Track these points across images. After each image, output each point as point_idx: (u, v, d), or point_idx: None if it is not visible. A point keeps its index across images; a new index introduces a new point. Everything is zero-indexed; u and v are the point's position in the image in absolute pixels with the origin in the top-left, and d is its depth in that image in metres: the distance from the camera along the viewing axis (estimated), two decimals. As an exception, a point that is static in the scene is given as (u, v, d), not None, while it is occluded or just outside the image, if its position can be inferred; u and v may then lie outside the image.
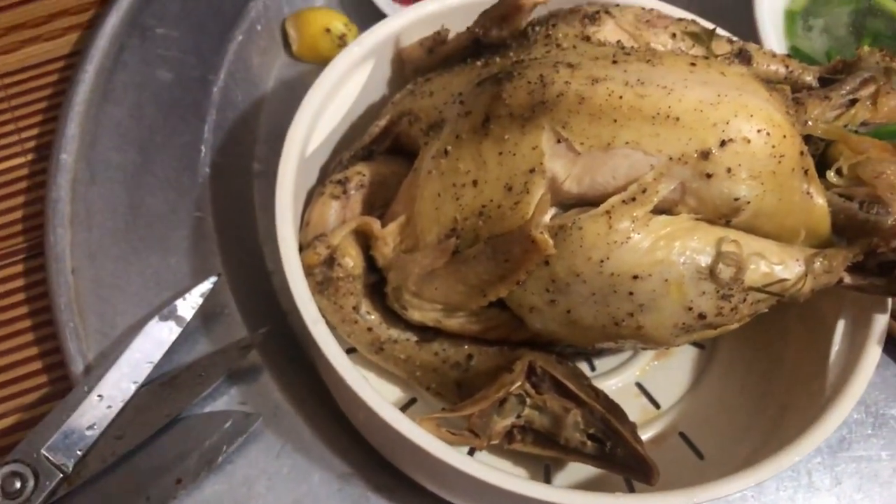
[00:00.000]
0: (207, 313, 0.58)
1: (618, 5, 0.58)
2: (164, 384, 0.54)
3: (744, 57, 0.58)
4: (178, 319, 0.55)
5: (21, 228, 0.64)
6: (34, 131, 0.68)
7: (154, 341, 0.54)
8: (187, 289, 0.57)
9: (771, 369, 0.60)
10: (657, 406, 0.60)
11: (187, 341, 0.56)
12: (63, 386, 0.58)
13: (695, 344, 0.63)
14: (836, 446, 0.61)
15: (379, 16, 0.74)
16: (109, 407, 0.52)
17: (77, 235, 0.60)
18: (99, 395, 0.52)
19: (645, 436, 0.58)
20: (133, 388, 0.53)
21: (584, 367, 0.61)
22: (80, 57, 0.68)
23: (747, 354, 0.61)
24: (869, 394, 0.63)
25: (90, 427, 0.52)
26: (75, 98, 0.65)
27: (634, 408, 0.59)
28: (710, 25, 0.59)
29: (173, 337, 0.55)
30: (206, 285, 0.57)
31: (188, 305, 0.56)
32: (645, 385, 0.61)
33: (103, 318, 0.57)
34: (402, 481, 0.55)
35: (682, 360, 0.62)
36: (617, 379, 0.61)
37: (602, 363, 0.61)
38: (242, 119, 0.69)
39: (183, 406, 0.53)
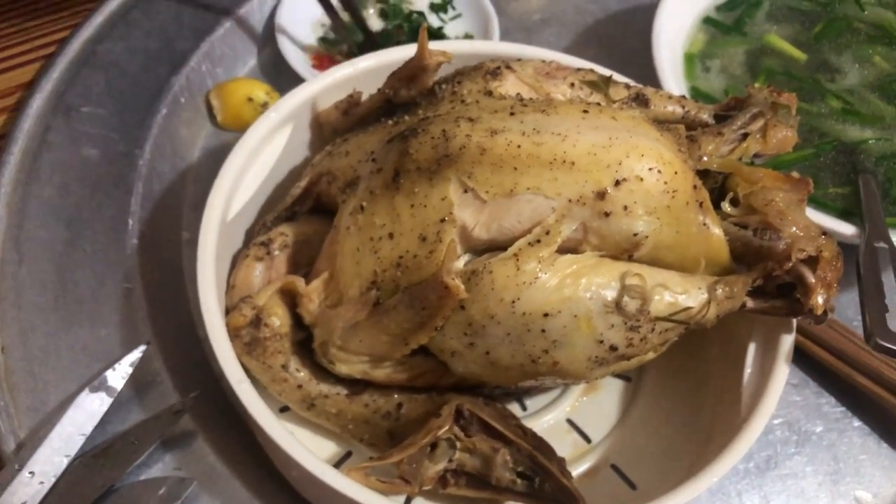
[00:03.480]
0: (139, 382, 0.59)
1: (520, 60, 0.61)
2: (97, 455, 0.54)
3: (641, 100, 0.61)
4: (109, 390, 0.56)
5: (-50, 311, 0.64)
6: (-39, 215, 0.69)
7: (85, 413, 0.55)
8: (117, 359, 0.57)
9: (694, 396, 0.62)
10: (588, 440, 0.62)
11: (120, 411, 0.57)
12: (-4, 466, 0.58)
13: (621, 377, 0.65)
14: (764, 466, 0.63)
15: (299, 82, 0.76)
16: (42, 483, 0.52)
17: (6, 314, 0.60)
18: (30, 472, 0.52)
19: (577, 470, 0.59)
20: (65, 461, 0.53)
21: (514, 407, 0.62)
22: (5, 140, 0.70)
23: (671, 383, 0.64)
24: (791, 412, 0.66)
25: (22, 505, 0.52)
26: (1, 180, 0.67)
27: (566, 443, 0.61)
28: (607, 73, 0.63)
29: (105, 408, 0.55)
30: (136, 354, 0.57)
31: (118, 375, 0.56)
32: (575, 421, 0.63)
33: (34, 394, 0.57)
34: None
35: (611, 393, 0.64)
36: (548, 416, 0.62)
37: (532, 402, 0.63)
38: (169, 190, 0.71)
39: (117, 476, 0.53)
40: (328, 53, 0.81)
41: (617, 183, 0.49)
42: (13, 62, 0.78)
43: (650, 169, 0.50)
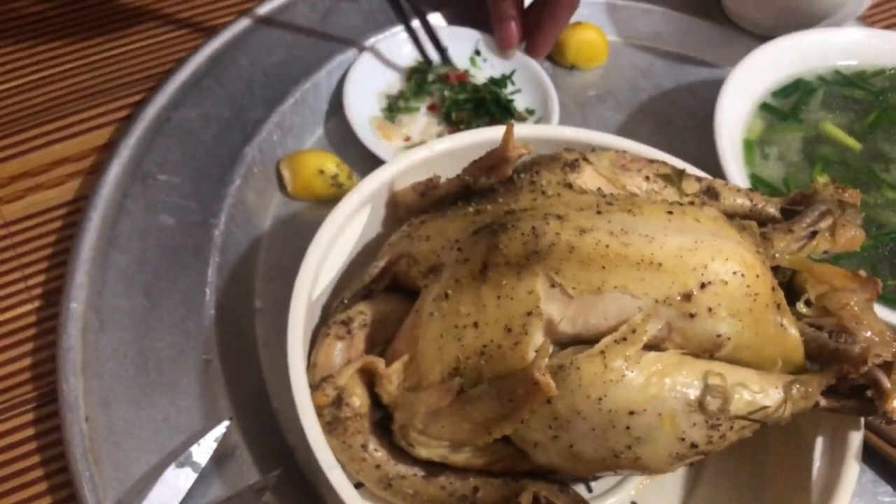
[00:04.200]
0: (219, 455, 0.60)
1: (594, 150, 0.64)
2: (183, 531, 0.56)
3: (711, 194, 0.63)
4: (194, 465, 0.57)
5: (30, 376, 0.66)
6: (40, 278, 0.71)
7: (171, 488, 0.56)
8: (200, 433, 0.59)
9: (756, 484, 0.63)
10: (653, 524, 0.63)
11: (202, 485, 0.58)
12: (78, 535, 0.59)
13: (684, 461, 0.66)
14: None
15: (364, 151, 0.79)
16: (129, 557, 0.54)
17: (89, 383, 0.62)
18: (119, 546, 0.54)
19: (643, 555, 0.61)
20: (152, 536, 0.55)
21: (581, 489, 0.63)
22: (84, 204, 0.72)
23: (732, 468, 0.65)
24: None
25: (110, 579, 0.53)
26: (82, 246, 0.69)
27: (632, 527, 0.62)
28: (680, 164, 0.65)
29: (190, 483, 0.57)
30: (220, 430, 0.59)
31: (203, 451, 0.58)
32: (640, 503, 0.64)
33: (118, 465, 0.59)
34: None
35: (674, 476, 0.65)
36: (613, 499, 0.63)
37: (598, 485, 0.64)
38: (243, 259, 0.72)
39: (200, 552, 0.55)
40: (393, 123, 0.84)
41: (703, 285, 0.51)
42: (88, 125, 0.81)
43: (734, 273, 0.51)
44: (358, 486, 0.60)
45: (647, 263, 0.51)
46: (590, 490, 0.64)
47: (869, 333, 0.54)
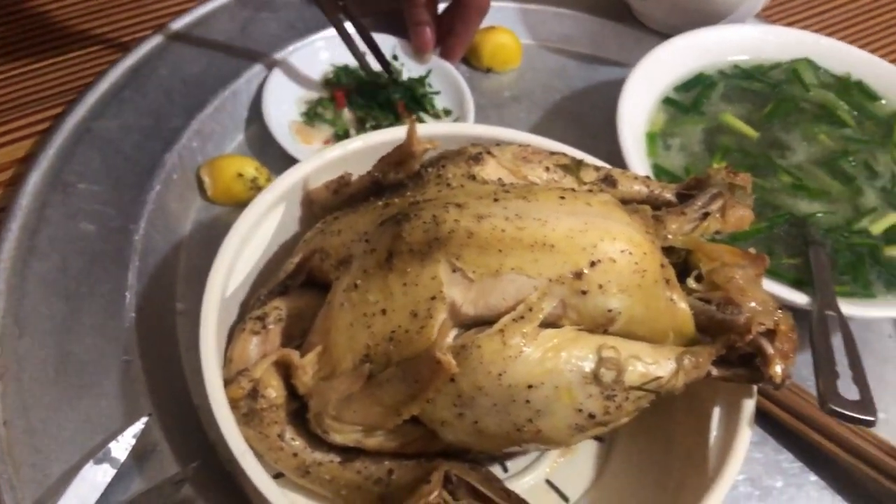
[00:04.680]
0: (139, 452, 0.61)
1: (498, 144, 0.66)
2: (101, 526, 0.56)
3: (609, 182, 0.66)
4: (113, 461, 0.58)
5: (-51, 385, 0.66)
6: (-41, 289, 0.71)
7: (89, 485, 0.57)
8: (120, 430, 0.60)
9: (663, 456, 0.66)
10: (566, 500, 0.65)
11: (121, 481, 0.59)
12: (-2, 538, 0.60)
13: (596, 438, 0.69)
14: (730, 521, 0.67)
15: (284, 155, 0.81)
16: (48, 554, 0.54)
17: (8, 388, 0.63)
18: (37, 543, 0.55)
19: (557, 529, 0.63)
20: (70, 532, 0.55)
21: (496, 469, 0.66)
22: (3, 216, 0.73)
23: (642, 444, 0.68)
24: (753, 468, 0.70)
25: (29, 576, 0.54)
26: (1, 255, 0.69)
27: (546, 503, 0.64)
28: (578, 155, 0.68)
29: (108, 479, 0.58)
30: (138, 426, 0.60)
31: (121, 447, 0.59)
32: (554, 481, 0.66)
33: (37, 466, 0.60)
34: None
35: (586, 455, 0.68)
36: (528, 477, 0.66)
37: (513, 464, 0.66)
38: (164, 263, 0.74)
39: (121, 546, 0.56)
40: (313, 128, 0.86)
41: (592, 264, 0.54)
42: (7, 138, 0.81)
43: (622, 251, 0.54)
44: (277, 476, 0.62)
45: (540, 245, 0.54)
46: (505, 470, 0.66)
47: (753, 304, 0.57)
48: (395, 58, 0.92)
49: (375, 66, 0.89)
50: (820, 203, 0.78)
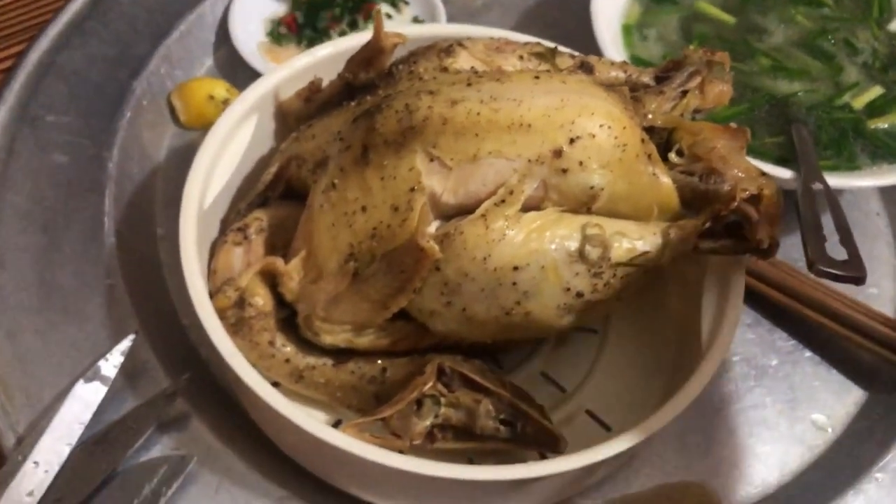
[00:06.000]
0: (130, 371, 0.61)
1: (470, 38, 0.65)
2: (97, 442, 0.56)
3: (586, 68, 0.65)
4: (103, 379, 0.58)
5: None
6: (-66, 228, 0.70)
7: (82, 403, 0.57)
8: (108, 350, 0.59)
9: (657, 340, 0.66)
10: (563, 390, 0.65)
11: (114, 400, 0.59)
12: (-4, 464, 0.60)
13: (588, 329, 0.68)
14: (727, 400, 0.68)
15: (255, 77, 0.79)
16: (46, 471, 0.54)
17: (-9, 318, 0.62)
18: (34, 462, 0.54)
19: (555, 417, 0.62)
20: (67, 449, 0.55)
21: (490, 365, 0.65)
22: (-28, 153, 0.71)
23: (635, 330, 0.68)
24: (747, 349, 0.70)
25: (29, 494, 0.53)
26: (-27, 191, 0.68)
27: (542, 394, 0.64)
28: (552, 45, 0.67)
29: (100, 396, 0.57)
30: (126, 343, 0.59)
31: (110, 365, 0.58)
32: (549, 373, 0.66)
33: (28, 392, 0.59)
34: (338, 497, 0.58)
35: (580, 346, 0.68)
36: (523, 372, 0.66)
37: (507, 360, 0.66)
38: (140, 189, 0.73)
39: (118, 460, 0.56)
40: (281, 47, 0.84)
41: (571, 141, 0.53)
42: (-29, 79, 0.80)
43: (601, 126, 0.53)
44: (273, 386, 0.61)
45: (517, 126, 0.53)
46: (500, 366, 0.66)
47: (736, 171, 0.57)
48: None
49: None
50: (800, 83, 0.77)
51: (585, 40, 0.77)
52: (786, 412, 0.67)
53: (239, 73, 0.81)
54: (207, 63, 0.84)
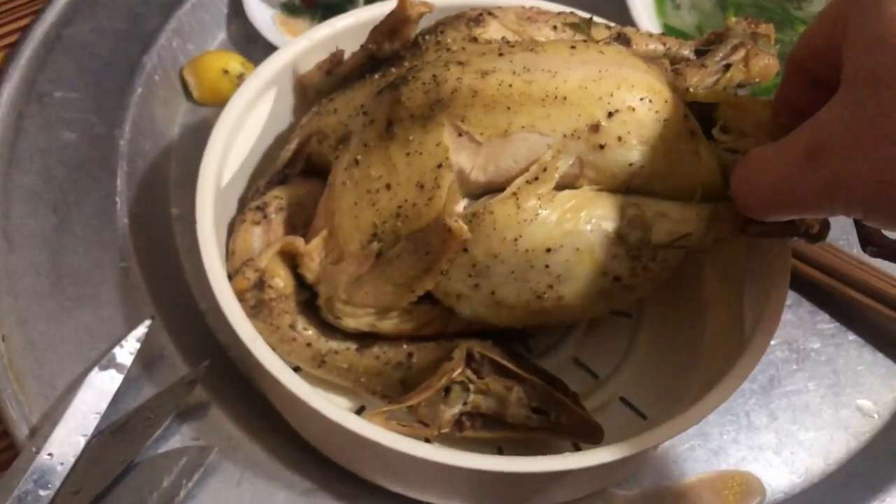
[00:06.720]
0: (147, 358, 0.58)
1: (500, 7, 0.62)
2: (115, 432, 0.54)
3: (623, 40, 0.61)
4: (119, 367, 0.56)
5: (-60, 304, 0.63)
6: (-60, 209, 0.68)
7: (97, 392, 0.54)
8: (123, 337, 0.57)
9: (695, 324, 0.63)
10: (595, 376, 0.63)
11: (131, 388, 0.57)
12: (10, 455, 0.57)
13: (622, 313, 0.66)
14: (768, 385, 0.65)
15: (270, 50, 0.76)
16: (62, 464, 0.52)
17: (2, 303, 0.60)
18: (49, 454, 0.52)
19: (588, 405, 0.60)
20: (83, 441, 0.53)
21: (520, 350, 0.63)
22: (-21, 132, 0.69)
23: (671, 314, 0.65)
24: (789, 332, 0.67)
25: (44, 487, 0.51)
26: (-19, 171, 0.66)
27: (574, 381, 0.61)
28: (587, 16, 0.63)
29: (116, 385, 0.55)
30: (142, 329, 0.57)
31: (126, 352, 0.56)
32: (581, 359, 0.63)
33: (42, 379, 0.57)
34: (364, 488, 0.56)
35: (614, 330, 0.65)
36: (553, 358, 0.63)
37: (537, 345, 0.63)
38: (154, 168, 0.70)
39: (136, 451, 0.53)
40: (297, 19, 0.81)
41: (609, 115, 0.50)
42: (-24, 54, 0.77)
43: (641, 99, 0.50)
44: (294, 371, 0.59)
45: (552, 99, 0.50)
46: (530, 351, 0.63)
47: (784, 147, 0.53)
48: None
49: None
50: (843, 52, 0.73)
51: (617, 8, 0.73)
52: (829, 397, 0.64)
53: (253, 47, 0.78)
54: (220, 36, 0.81)
